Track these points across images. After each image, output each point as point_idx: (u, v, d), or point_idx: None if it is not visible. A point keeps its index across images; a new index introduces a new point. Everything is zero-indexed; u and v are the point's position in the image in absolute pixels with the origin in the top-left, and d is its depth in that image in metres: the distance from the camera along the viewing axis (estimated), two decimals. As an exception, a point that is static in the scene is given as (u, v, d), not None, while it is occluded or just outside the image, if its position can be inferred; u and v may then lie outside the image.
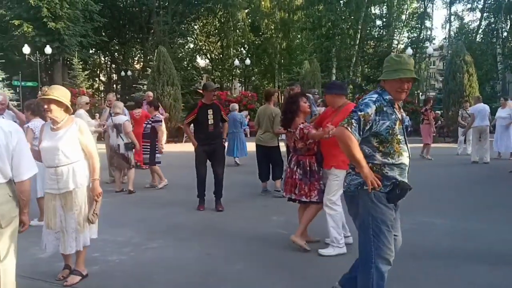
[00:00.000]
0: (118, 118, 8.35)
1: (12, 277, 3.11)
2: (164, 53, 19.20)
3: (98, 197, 4.04)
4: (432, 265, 4.41)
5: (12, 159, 2.95)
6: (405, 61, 3.03)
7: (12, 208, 3.00)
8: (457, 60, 19.07)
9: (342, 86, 4.99)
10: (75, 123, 3.99)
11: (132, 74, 41.39)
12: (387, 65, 3.10)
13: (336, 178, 4.62)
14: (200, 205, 6.94)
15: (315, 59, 25.58)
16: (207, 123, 6.82)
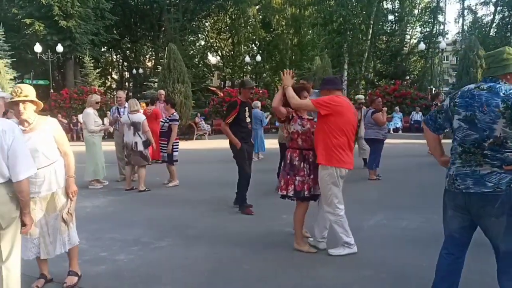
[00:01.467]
0: (136, 116, 8.35)
1: (16, 278, 3.10)
2: (175, 50, 19.19)
3: (73, 196, 3.91)
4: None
5: (8, 159, 2.91)
6: None
7: (12, 209, 2.97)
8: (470, 54, 18.84)
9: (333, 80, 4.91)
10: (48, 121, 3.80)
11: (144, 71, 41.57)
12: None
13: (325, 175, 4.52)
14: (248, 209, 6.58)
15: (326, 55, 25.40)
16: (246, 121, 6.64)
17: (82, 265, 4.44)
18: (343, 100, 4.61)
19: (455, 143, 3.03)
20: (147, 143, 8.40)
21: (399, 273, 4.13)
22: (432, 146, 3.32)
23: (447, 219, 3.17)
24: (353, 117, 4.61)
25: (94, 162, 8.67)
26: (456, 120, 3.00)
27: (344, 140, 4.48)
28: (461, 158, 2.98)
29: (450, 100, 3.07)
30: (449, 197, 3.11)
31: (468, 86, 3.05)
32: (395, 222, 5.88)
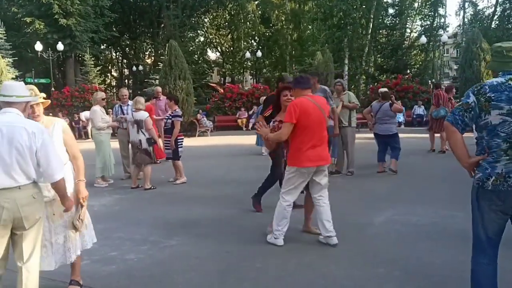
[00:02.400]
0: (139, 114, 8.31)
1: (35, 280, 3.09)
2: (176, 47, 19.10)
3: (84, 201, 3.63)
4: (457, 259, 4.26)
5: (40, 161, 2.92)
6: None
7: (36, 210, 2.99)
8: (473, 47, 18.76)
9: (302, 80, 5.00)
10: (57, 122, 3.62)
11: (144, 68, 41.49)
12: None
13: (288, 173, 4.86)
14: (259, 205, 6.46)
15: (327, 50, 25.32)
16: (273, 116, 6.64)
17: (92, 265, 4.44)
18: (304, 100, 4.76)
19: (498, 140, 2.88)
20: (151, 141, 8.36)
21: (412, 271, 4.08)
22: (461, 148, 2.99)
23: (485, 222, 2.99)
24: (319, 114, 4.74)
25: (102, 159, 8.64)
26: (496, 116, 2.86)
27: (310, 138, 4.71)
28: (507, 155, 2.87)
29: (476, 96, 2.90)
30: (493, 198, 2.93)
31: (495, 80, 2.93)
32: (405, 218, 5.83)
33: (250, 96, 23.85)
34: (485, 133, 2.93)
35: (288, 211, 4.86)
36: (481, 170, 2.95)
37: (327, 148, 4.93)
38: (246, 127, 23.35)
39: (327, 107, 5.07)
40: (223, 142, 17.88)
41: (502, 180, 2.86)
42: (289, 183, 4.85)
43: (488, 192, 2.92)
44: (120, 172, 9.47)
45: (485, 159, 2.94)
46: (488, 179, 2.90)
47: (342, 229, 5.30)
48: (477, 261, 3.04)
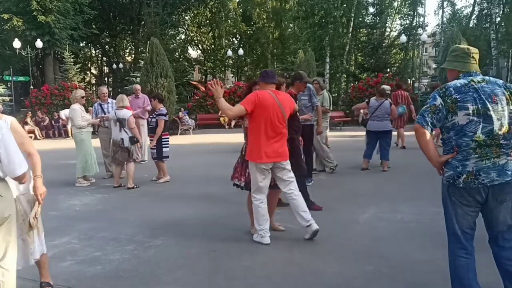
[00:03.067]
0: (122, 112, 8.21)
1: (13, 279, 3.01)
2: (157, 44, 18.91)
3: (41, 197, 3.37)
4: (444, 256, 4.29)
5: (0, 157, 2.81)
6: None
7: (4, 208, 2.88)
8: (452, 46, 18.96)
9: (267, 74, 5.04)
10: (4, 120, 3.31)
11: (124, 66, 41.03)
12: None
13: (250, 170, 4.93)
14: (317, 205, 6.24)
15: (309, 48, 25.37)
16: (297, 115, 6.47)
17: (76, 266, 4.37)
18: (266, 93, 4.79)
19: (466, 139, 2.98)
20: (134, 140, 8.26)
21: (400, 268, 4.11)
22: (432, 148, 3.10)
23: (458, 217, 3.10)
24: (276, 108, 4.74)
25: (83, 159, 8.50)
26: (463, 116, 2.96)
27: (266, 133, 4.72)
28: (476, 153, 2.97)
29: (443, 98, 3.01)
30: (463, 194, 3.04)
31: (458, 82, 3.05)
32: (390, 215, 5.87)
33: (232, 94, 23.73)
34: (453, 133, 3.04)
35: (262, 208, 4.86)
36: (451, 168, 3.06)
37: (285, 144, 4.89)
38: (229, 125, 23.26)
39: (290, 105, 5.01)
40: (206, 140, 17.81)
41: (473, 177, 2.98)
42: (253, 181, 4.87)
43: (460, 189, 3.04)
44: (102, 171, 9.34)
45: (454, 157, 3.04)
46: (459, 177, 3.01)
47: (328, 226, 5.33)
48: (455, 254, 3.14)
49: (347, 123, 22.13)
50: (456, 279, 3.15)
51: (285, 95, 5.08)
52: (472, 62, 3.15)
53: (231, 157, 12.04)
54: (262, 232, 4.83)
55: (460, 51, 3.21)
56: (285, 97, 5.03)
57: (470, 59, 3.15)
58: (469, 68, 3.13)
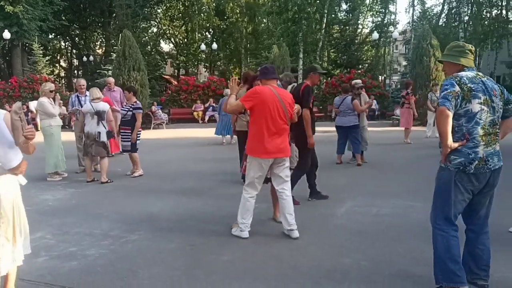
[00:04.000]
0: (100, 105, 8.04)
1: None
2: (129, 37, 18.56)
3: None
4: (419, 247, 4.38)
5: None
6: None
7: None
8: (423, 44, 19.29)
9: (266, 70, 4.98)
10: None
11: (94, 59, 40.27)
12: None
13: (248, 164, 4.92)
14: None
15: (284, 44, 25.40)
16: (312, 108, 6.32)
17: (52, 261, 4.28)
18: (266, 88, 4.77)
19: (477, 127, 3.21)
20: (111, 134, 8.13)
21: (378, 260, 4.16)
22: (450, 132, 3.18)
23: (456, 203, 3.31)
24: (277, 104, 4.69)
25: (54, 154, 8.29)
26: (476, 104, 3.20)
27: (267, 129, 4.69)
28: (483, 140, 3.22)
29: (459, 85, 3.19)
30: (472, 180, 3.26)
31: (468, 73, 3.30)
32: (366, 209, 5.95)
33: (206, 89, 23.63)
34: (464, 120, 3.22)
35: (251, 203, 4.87)
36: (461, 155, 3.24)
37: (286, 140, 4.88)
38: (203, 119, 23.14)
39: (291, 101, 4.92)
40: (180, 135, 17.64)
41: (483, 163, 3.22)
42: (249, 175, 4.85)
43: (469, 175, 3.24)
44: (75, 165, 9.15)
45: (464, 145, 3.22)
46: (471, 163, 3.21)
47: (307, 220, 5.38)
48: (450, 235, 3.34)
49: (320, 119, 22.26)
50: (451, 259, 3.30)
51: (285, 92, 5.08)
52: (472, 58, 3.44)
53: (205, 152, 12.14)
54: (243, 226, 4.83)
55: (465, 48, 3.44)
56: (286, 93, 5.02)
57: (471, 56, 3.43)
58: (471, 63, 3.41)
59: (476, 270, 3.47)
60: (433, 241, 3.44)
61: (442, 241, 3.35)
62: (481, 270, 3.47)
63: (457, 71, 3.36)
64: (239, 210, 4.90)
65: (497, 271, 3.77)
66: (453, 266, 3.28)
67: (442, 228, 3.36)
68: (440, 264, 3.36)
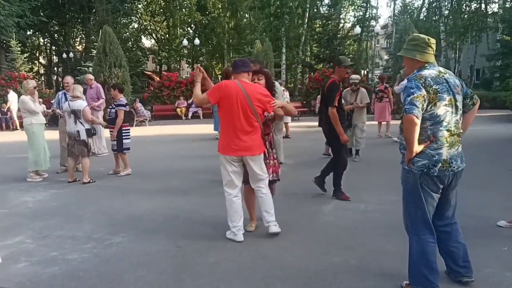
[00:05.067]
0: (76, 104, 7.84)
1: None
2: (110, 33, 18.29)
3: None
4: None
5: None
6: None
7: None
8: (406, 37, 19.33)
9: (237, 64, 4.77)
10: None
11: (74, 56, 39.66)
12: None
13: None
14: (345, 194, 6.18)
15: (267, 39, 25.27)
16: (341, 104, 6.08)
17: (32, 267, 4.12)
18: (233, 83, 4.57)
19: (442, 129, 3.09)
20: (91, 132, 7.95)
21: (367, 258, 4.10)
22: (416, 138, 3.06)
23: (428, 205, 3.20)
24: (241, 100, 4.47)
25: (35, 152, 8.08)
26: (442, 107, 3.07)
27: (232, 125, 4.53)
28: (447, 142, 3.11)
29: (425, 88, 3.03)
30: (436, 182, 3.16)
31: (430, 72, 3.13)
32: (353, 205, 5.90)
33: (189, 85, 23.39)
34: (429, 123, 3.10)
35: (236, 203, 4.67)
36: (425, 157, 3.12)
37: (255, 138, 4.57)
38: (186, 116, 22.92)
39: (261, 97, 4.57)
40: (163, 132, 17.43)
41: (447, 165, 3.11)
42: (223, 174, 4.71)
43: (433, 177, 3.13)
44: (56, 165, 8.94)
45: (428, 146, 3.11)
46: (434, 165, 3.11)
47: (294, 217, 5.33)
48: (426, 241, 3.22)
49: (304, 114, 22.25)
50: (425, 265, 3.20)
51: (255, 87, 4.66)
52: (430, 53, 3.21)
53: (190, 149, 11.99)
54: (235, 230, 4.64)
55: (420, 41, 3.22)
56: (255, 88, 4.63)
57: (429, 49, 3.20)
58: (427, 58, 3.18)
59: (457, 268, 3.41)
60: (409, 246, 3.34)
61: (417, 247, 3.24)
62: (461, 268, 3.40)
63: (417, 67, 3.18)
64: (228, 213, 4.71)
65: (486, 266, 3.76)
66: (426, 271, 3.18)
67: (417, 233, 3.25)
68: (413, 269, 3.27)
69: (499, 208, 5.38)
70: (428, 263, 3.19)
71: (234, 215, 4.66)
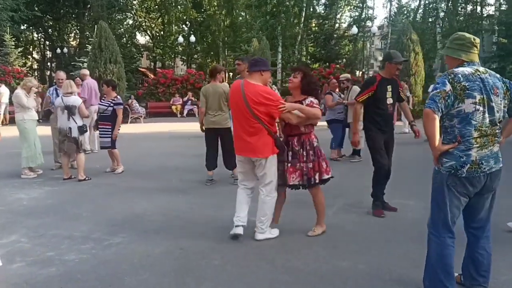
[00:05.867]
0: (71, 99, 7.65)
1: None
2: (106, 28, 18.06)
3: None
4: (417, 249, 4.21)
5: None
6: None
7: None
8: (403, 38, 19.29)
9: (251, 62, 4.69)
10: None
11: (68, 51, 39.28)
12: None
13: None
14: (379, 210, 5.50)
15: (264, 37, 25.11)
16: (385, 103, 5.46)
17: (28, 268, 3.96)
18: (238, 83, 4.57)
19: (470, 128, 3.00)
20: (83, 129, 7.77)
21: (376, 264, 3.97)
22: (437, 135, 3.03)
23: (452, 208, 3.12)
24: (241, 103, 4.41)
25: (27, 148, 7.89)
26: (470, 104, 2.98)
27: (235, 126, 4.63)
28: (477, 142, 3.01)
29: (452, 84, 2.98)
30: (465, 184, 3.05)
31: (465, 70, 3.05)
32: (357, 208, 5.78)
33: (184, 82, 23.19)
34: (457, 121, 3.03)
35: (241, 195, 4.74)
36: (453, 158, 3.04)
37: (258, 140, 4.43)
38: (181, 113, 22.71)
39: (261, 100, 4.37)
40: (159, 129, 17.22)
41: (476, 167, 3.01)
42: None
43: (461, 178, 3.03)
44: (51, 162, 8.74)
45: (456, 147, 3.02)
46: (462, 166, 3.01)
47: (297, 219, 5.19)
48: (446, 243, 3.14)
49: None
50: (442, 269, 3.11)
51: (256, 88, 4.42)
52: (475, 52, 3.17)
53: (187, 147, 11.80)
54: (235, 220, 4.63)
55: (466, 40, 3.17)
56: (256, 90, 4.40)
57: (474, 49, 3.15)
58: (473, 58, 3.14)
59: (476, 275, 3.30)
60: (428, 245, 3.26)
61: (436, 248, 3.16)
62: (480, 276, 3.30)
63: (457, 65, 3.15)
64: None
65: (500, 273, 3.65)
66: (443, 276, 3.09)
67: (437, 234, 3.17)
68: (430, 272, 3.19)
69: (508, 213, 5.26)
70: (445, 267, 3.09)
71: (237, 205, 4.72)
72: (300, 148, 4.56)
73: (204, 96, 7.05)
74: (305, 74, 4.65)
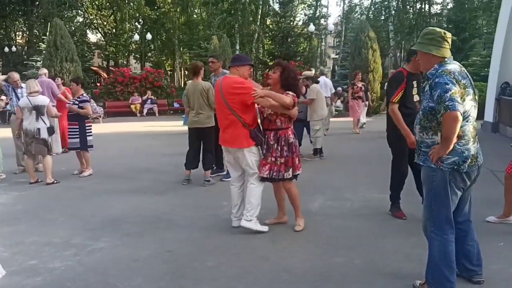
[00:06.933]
0: (39, 99, 7.31)
1: None
2: (61, 26, 17.43)
3: None
4: (407, 242, 4.28)
5: None
6: None
7: None
8: (362, 36, 19.66)
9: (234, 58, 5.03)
10: None
11: (17, 50, 37.68)
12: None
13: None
14: (400, 212, 5.20)
15: (224, 35, 24.94)
16: (412, 100, 4.90)
17: (11, 278, 3.73)
18: (218, 80, 4.88)
19: (469, 124, 3.03)
20: (52, 130, 7.47)
21: (371, 258, 4.00)
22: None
23: (452, 204, 3.13)
24: (218, 94, 4.75)
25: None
26: (469, 101, 3.00)
27: (218, 118, 5.00)
28: (472, 137, 3.06)
29: (457, 83, 2.92)
30: (464, 179, 3.09)
31: (454, 67, 3.04)
32: (339, 203, 5.82)
33: (143, 81, 22.72)
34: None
35: (233, 191, 4.91)
36: (456, 154, 3.02)
37: (235, 132, 4.60)
38: (141, 113, 22.24)
39: (232, 90, 4.57)
40: (120, 129, 16.75)
41: (475, 160, 3.07)
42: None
43: (462, 173, 3.06)
44: (13, 165, 8.34)
45: (457, 142, 3.01)
46: (464, 161, 3.03)
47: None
48: (449, 240, 3.13)
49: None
50: (446, 265, 3.11)
51: (231, 80, 4.67)
52: (447, 47, 3.09)
53: (152, 147, 11.54)
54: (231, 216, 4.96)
55: (436, 35, 3.11)
56: (230, 81, 4.66)
57: (445, 44, 3.09)
58: (443, 53, 3.07)
59: (471, 266, 3.37)
60: (429, 246, 3.22)
61: (439, 247, 3.13)
62: (475, 266, 3.38)
63: (436, 62, 3.05)
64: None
65: (491, 262, 3.74)
66: (447, 272, 3.09)
67: (439, 233, 3.13)
68: (433, 270, 3.16)
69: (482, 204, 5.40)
70: (449, 263, 3.11)
71: (231, 200, 4.96)
72: (274, 143, 4.63)
73: (186, 96, 7.16)
74: (284, 69, 4.71)
